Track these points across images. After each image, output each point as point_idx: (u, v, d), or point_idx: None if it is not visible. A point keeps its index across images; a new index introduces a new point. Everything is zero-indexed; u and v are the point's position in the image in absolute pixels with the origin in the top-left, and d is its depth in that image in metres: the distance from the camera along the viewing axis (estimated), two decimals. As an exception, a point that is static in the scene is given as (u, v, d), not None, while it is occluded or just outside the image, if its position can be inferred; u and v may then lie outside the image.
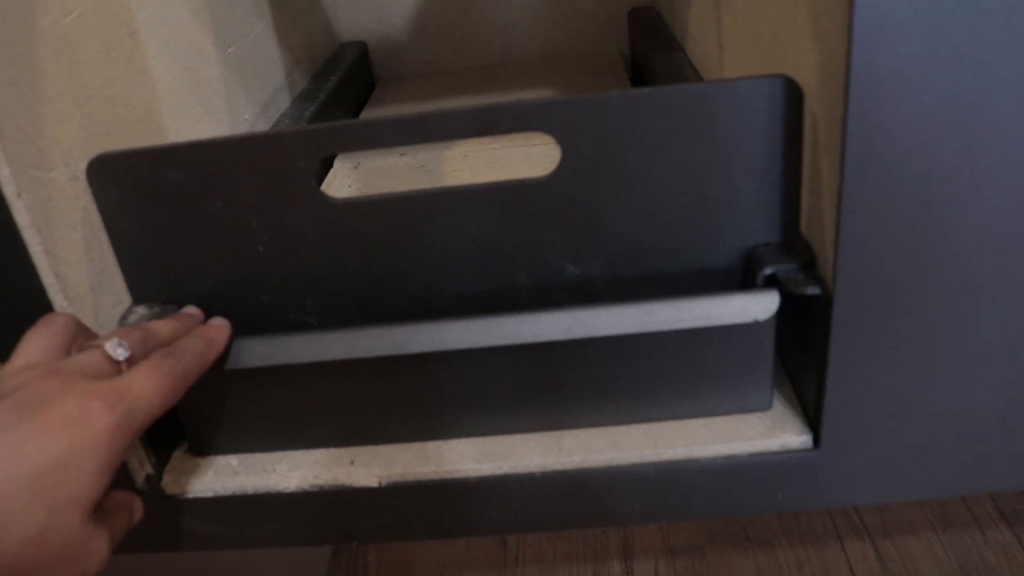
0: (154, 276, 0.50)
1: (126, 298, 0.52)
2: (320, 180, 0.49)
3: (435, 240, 0.48)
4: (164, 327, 0.45)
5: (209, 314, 0.51)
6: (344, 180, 0.74)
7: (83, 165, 0.48)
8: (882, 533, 1.06)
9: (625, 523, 0.53)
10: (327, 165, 0.75)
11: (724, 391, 0.50)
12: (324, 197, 0.47)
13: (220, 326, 0.48)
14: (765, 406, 0.51)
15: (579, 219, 0.47)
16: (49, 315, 0.42)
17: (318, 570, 0.91)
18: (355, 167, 0.75)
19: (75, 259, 0.48)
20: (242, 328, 0.51)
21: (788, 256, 0.47)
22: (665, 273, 0.49)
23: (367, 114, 0.99)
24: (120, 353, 0.40)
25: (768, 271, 0.46)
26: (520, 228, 0.47)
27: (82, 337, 0.43)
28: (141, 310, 0.51)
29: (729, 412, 0.51)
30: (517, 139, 0.54)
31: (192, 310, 0.50)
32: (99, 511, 0.36)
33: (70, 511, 0.34)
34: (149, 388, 0.39)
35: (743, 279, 0.48)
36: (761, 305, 0.46)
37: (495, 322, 0.47)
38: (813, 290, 0.45)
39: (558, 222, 0.47)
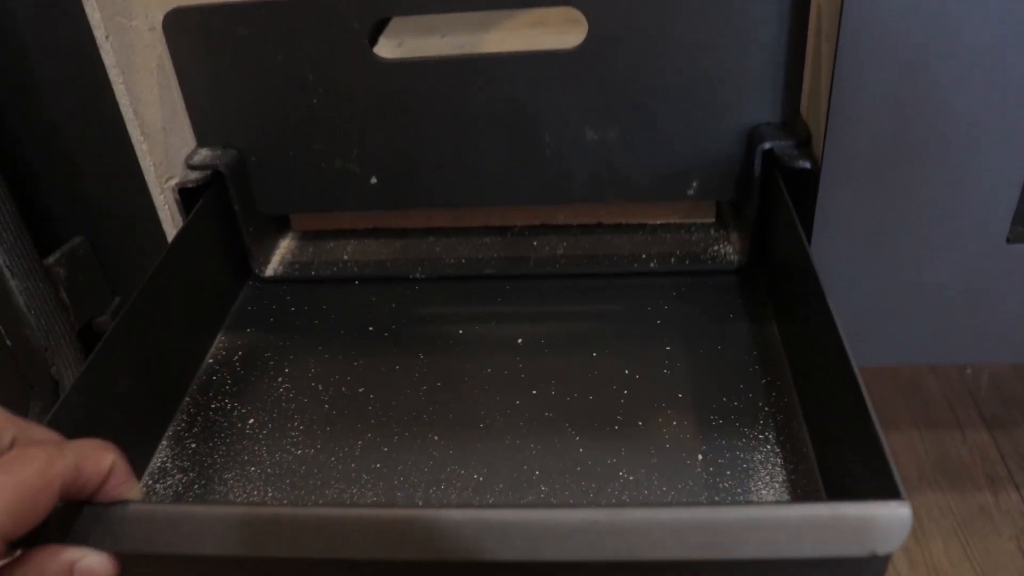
0: (218, 121, 0.56)
1: (192, 141, 0.58)
2: (372, 43, 0.54)
3: (472, 99, 0.53)
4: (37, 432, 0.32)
5: (270, 162, 0.57)
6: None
7: (160, 17, 0.53)
8: (868, 427, 1.12)
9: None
10: (371, 42, 0.80)
11: None
12: (374, 56, 0.53)
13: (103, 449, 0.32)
14: None
15: (600, 89, 0.52)
16: None
17: None
18: (399, 45, 0.80)
19: (151, 100, 0.54)
20: (294, 172, 0.57)
21: (787, 134, 0.52)
22: (675, 144, 0.54)
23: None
24: None
25: (767, 146, 0.52)
26: (547, 93, 0.53)
27: None
28: (205, 151, 0.57)
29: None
30: (554, 27, 0.57)
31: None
32: None
33: None
34: None
35: (744, 155, 0.54)
36: (886, 531, 0.29)
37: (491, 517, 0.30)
38: (804, 164, 0.50)
39: (581, 90, 0.52)
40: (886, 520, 0.28)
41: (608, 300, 0.56)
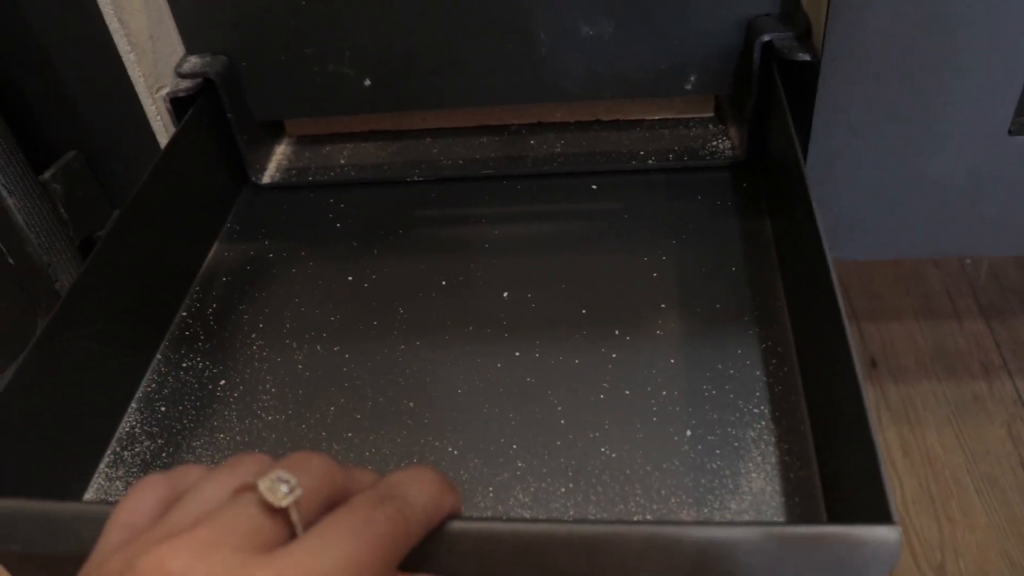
0: (206, 26, 0.55)
1: (180, 48, 0.57)
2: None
3: (465, -2, 0.52)
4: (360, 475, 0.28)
5: (262, 67, 0.56)
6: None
7: (138, -82, 0.52)
8: (868, 318, 1.14)
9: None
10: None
11: None
12: (362, -46, 0.51)
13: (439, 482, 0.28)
14: None
15: (595, -17, 0.51)
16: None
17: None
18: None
19: (135, 8, 0.53)
20: (287, 76, 0.56)
21: (786, 25, 0.51)
22: (672, 38, 0.53)
23: None
24: (282, 493, 0.24)
25: (766, 38, 0.51)
26: (541, -12, 0.51)
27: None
28: (194, 59, 0.56)
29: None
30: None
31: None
32: None
33: None
34: (349, 558, 0.23)
35: (743, 47, 0.53)
36: (874, 558, 0.27)
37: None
38: (804, 56, 0.49)
39: (576, -15, 0.51)
40: (875, 546, 0.26)
41: (606, 198, 0.56)
